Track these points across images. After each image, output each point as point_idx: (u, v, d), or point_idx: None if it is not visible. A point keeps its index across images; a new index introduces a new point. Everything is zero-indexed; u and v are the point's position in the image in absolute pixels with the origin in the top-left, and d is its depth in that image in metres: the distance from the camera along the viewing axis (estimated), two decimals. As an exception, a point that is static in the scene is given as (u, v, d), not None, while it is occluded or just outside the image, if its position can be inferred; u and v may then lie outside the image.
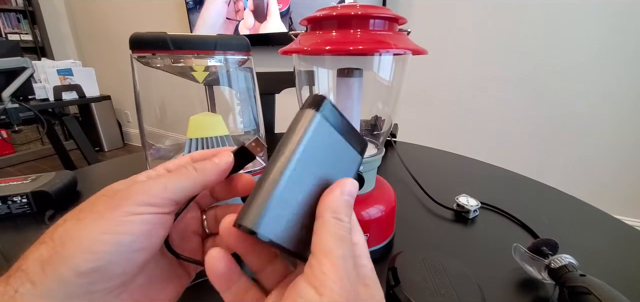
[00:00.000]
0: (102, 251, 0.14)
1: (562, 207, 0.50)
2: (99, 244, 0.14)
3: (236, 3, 1.81)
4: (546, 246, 0.34)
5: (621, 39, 1.19)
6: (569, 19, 1.24)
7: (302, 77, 0.41)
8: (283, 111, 1.23)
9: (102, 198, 0.15)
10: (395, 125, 0.84)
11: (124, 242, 0.14)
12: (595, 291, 0.26)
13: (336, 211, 0.15)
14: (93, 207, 0.15)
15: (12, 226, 0.44)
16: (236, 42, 0.34)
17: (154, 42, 0.30)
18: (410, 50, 0.28)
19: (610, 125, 1.30)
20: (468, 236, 0.43)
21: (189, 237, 0.20)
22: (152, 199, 0.16)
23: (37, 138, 2.51)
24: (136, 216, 0.15)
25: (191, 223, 0.20)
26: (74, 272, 0.13)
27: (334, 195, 0.16)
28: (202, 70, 0.36)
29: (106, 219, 0.14)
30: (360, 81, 0.35)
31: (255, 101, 0.39)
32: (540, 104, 1.38)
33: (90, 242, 0.14)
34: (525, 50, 1.34)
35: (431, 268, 0.29)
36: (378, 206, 0.36)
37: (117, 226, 0.14)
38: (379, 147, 0.39)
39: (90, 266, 0.14)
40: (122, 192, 0.15)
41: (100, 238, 0.14)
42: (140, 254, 0.15)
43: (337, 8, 0.30)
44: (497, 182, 0.60)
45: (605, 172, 1.36)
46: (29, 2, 2.59)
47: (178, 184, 0.17)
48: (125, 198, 0.15)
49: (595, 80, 1.27)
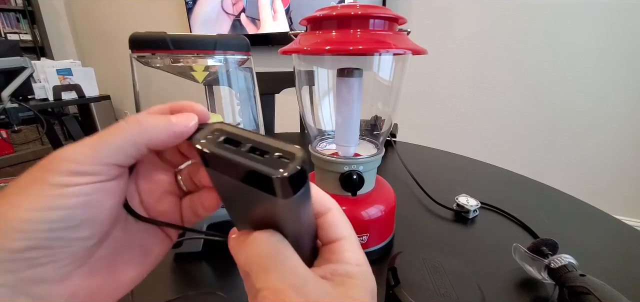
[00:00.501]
0: (33, 229, 0.13)
1: (562, 207, 0.50)
2: (28, 223, 0.12)
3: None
4: (546, 246, 0.34)
5: (621, 39, 1.19)
6: (569, 19, 1.24)
7: (302, 77, 0.40)
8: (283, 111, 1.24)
9: (28, 172, 0.14)
10: (395, 125, 0.84)
11: (55, 219, 0.13)
12: (595, 291, 0.26)
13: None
14: (18, 182, 0.13)
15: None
16: (236, 42, 0.34)
17: (154, 42, 0.30)
18: (410, 50, 0.28)
19: (610, 125, 1.30)
20: (468, 236, 0.43)
21: (163, 198, 0.18)
22: (80, 167, 0.13)
23: (36, 138, 2.51)
24: (66, 188, 0.13)
25: (161, 184, 0.18)
26: (7, 251, 0.12)
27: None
28: (201, 70, 0.36)
29: (31, 196, 0.13)
30: (360, 81, 0.35)
31: (255, 101, 0.39)
32: (540, 104, 1.38)
33: (18, 222, 0.12)
34: (526, 50, 1.34)
35: (431, 268, 0.29)
36: (378, 206, 0.36)
37: (44, 201, 0.13)
38: (378, 147, 0.39)
39: (23, 244, 0.12)
40: (44, 162, 0.13)
41: (29, 217, 0.12)
42: (84, 229, 0.14)
43: (337, 8, 0.30)
44: (497, 182, 0.60)
45: (605, 172, 1.36)
46: (29, 2, 2.59)
47: (112, 146, 0.14)
48: (47, 169, 0.13)
49: (596, 80, 1.27)
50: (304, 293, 0.13)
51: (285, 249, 0.14)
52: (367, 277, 0.16)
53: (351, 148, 0.38)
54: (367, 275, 0.16)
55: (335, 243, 0.16)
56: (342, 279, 0.15)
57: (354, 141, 0.38)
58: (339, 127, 0.38)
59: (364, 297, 0.15)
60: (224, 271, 0.35)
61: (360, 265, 0.16)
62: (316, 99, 0.41)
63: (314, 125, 0.42)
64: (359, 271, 0.15)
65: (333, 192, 0.36)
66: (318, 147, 0.40)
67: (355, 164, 0.34)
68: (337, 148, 0.39)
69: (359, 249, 0.16)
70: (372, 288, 0.16)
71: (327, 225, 0.16)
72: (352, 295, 0.14)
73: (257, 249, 0.14)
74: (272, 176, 0.11)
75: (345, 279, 0.15)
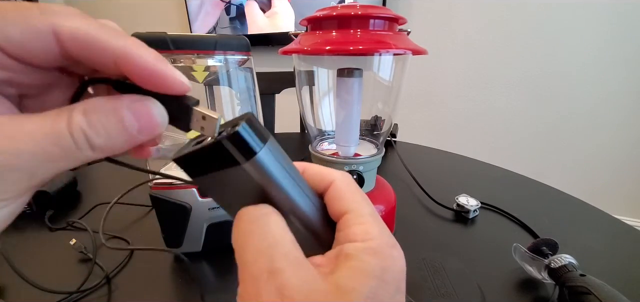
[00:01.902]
0: None
1: (562, 207, 0.50)
2: None
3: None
4: (546, 246, 0.34)
5: (621, 39, 1.19)
6: (569, 19, 1.24)
7: (303, 77, 0.41)
8: (283, 111, 1.24)
9: None
10: (395, 125, 0.84)
11: None
12: (595, 291, 0.26)
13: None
14: None
15: (12, 226, 0.43)
16: (236, 42, 0.34)
17: (154, 42, 0.30)
18: (410, 50, 0.28)
19: (610, 125, 1.30)
20: (468, 236, 0.43)
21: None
22: None
23: (37, 138, 2.51)
24: None
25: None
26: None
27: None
28: (202, 70, 0.36)
29: None
30: (360, 81, 0.35)
31: (255, 101, 0.39)
32: (540, 104, 1.38)
33: None
34: (526, 50, 1.34)
35: (431, 268, 0.29)
36: (378, 205, 0.36)
37: None
38: (378, 147, 0.39)
39: None
40: None
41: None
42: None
43: (337, 8, 0.30)
44: (497, 182, 0.60)
45: (605, 172, 1.36)
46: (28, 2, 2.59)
47: None
48: None
49: (596, 80, 1.27)
50: (278, 281, 0.11)
51: (268, 224, 0.12)
52: (376, 253, 0.12)
53: (351, 148, 0.38)
54: (376, 250, 0.12)
55: (341, 220, 0.14)
56: (339, 263, 0.12)
57: (354, 141, 0.38)
58: (339, 127, 0.38)
59: (357, 282, 0.11)
60: (224, 271, 0.35)
61: (368, 240, 0.12)
62: (316, 99, 0.41)
63: (315, 126, 0.42)
64: (361, 248, 0.12)
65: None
66: (318, 147, 0.40)
67: (356, 164, 0.35)
68: (338, 148, 0.39)
69: (371, 221, 0.13)
70: (383, 266, 0.12)
71: (330, 200, 0.14)
72: (343, 284, 0.11)
73: (238, 223, 0.13)
74: (221, 140, 0.11)
75: (341, 263, 0.12)
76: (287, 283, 0.11)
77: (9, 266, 0.34)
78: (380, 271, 0.12)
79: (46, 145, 0.11)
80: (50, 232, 0.42)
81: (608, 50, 1.22)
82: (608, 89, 1.26)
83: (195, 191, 0.34)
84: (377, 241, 0.13)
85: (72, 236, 0.37)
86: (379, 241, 0.13)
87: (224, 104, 0.40)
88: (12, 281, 0.33)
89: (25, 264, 0.35)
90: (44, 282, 0.32)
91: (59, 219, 0.45)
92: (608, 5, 1.17)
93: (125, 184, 0.40)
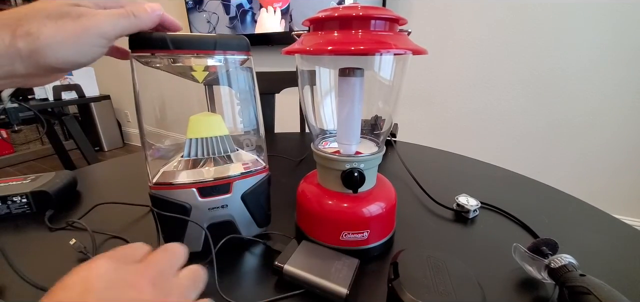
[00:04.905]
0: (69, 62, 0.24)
1: (562, 207, 0.51)
2: (66, 64, 0.24)
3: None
4: (546, 246, 0.34)
5: (621, 39, 1.19)
6: (569, 19, 1.24)
7: (305, 76, 0.41)
8: (283, 111, 1.24)
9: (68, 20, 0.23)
10: (395, 125, 0.84)
11: (82, 62, 0.25)
12: (595, 291, 0.26)
13: None
14: (64, 25, 0.23)
15: (12, 226, 0.43)
16: (236, 42, 0.34)
17: (154, 42, 0.30)
18: (411, 51, 0.28)
19: (610, 125, 1.30)
20: (468, 236, 0.43)
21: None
22: (106, 34, 0.25)
23: (36, 138, 2.51)
24: (95, 48, 0.25)
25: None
26: (44, 68, 0.24)
27: None
28: (201, 70, 0.36)
29: (74, 46, 0.24)
30: (361, 81, 0.35)
31: (255, 101, 0.39)
32: (540, 104, 1.38)
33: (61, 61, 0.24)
34: (526, 50, 1.34)
35: (434, 267, 0.29)
36: (379, 203, 0.36)
37: (82, 53, 0.25)
38: (379, 146, 0.39)
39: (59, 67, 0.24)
40: (84, 21, 0.24)
41: (69, 60, 0.24)
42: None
43: (339, 9, 0.30)
44: (497, 182, 0.60)
45: (605, 172, 1.36)
46: (29, 2, 2.58)
47: (123, 27, 0.26)
48: (87, 29, 0.24)
49: (596, 80, 1.27)
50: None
51: None
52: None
53: (352, 146, 0.38)
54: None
55: None
56: None
57: (356, 139, 0.38)
58: (340, 126, 0.38)
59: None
60: (224, 271, 0.35)
61: None
62: (318, 98, 0.41)
63: (316, 124, 0.42)
64: None
65: (335, 189, 0.37)
66: (320, 146, 0.40)
67: (357, 162, 0.35)
68: (339, 146, 0.39)
69: None
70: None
71: None
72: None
73: None
74: None
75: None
76: None
77: (9, 266, 0.34)
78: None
79: (117, 17, 0.26)
80: (50, 232, 0.42)
81: (608, 51, 1.22)
82: (608, 89, 1.26)
83: (195, 190, 0.34)
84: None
85: (72, 236, 0.37)
86: None
87: (224, 104, 0.40)
88: (12, 281, 0.33)
89: (25, 264, 0.35)
90: (44, 282, 0.32)
91: (59, 219, 0.45)
92: (608, 5, 1.17)
93: (125, 184, 0.40)
